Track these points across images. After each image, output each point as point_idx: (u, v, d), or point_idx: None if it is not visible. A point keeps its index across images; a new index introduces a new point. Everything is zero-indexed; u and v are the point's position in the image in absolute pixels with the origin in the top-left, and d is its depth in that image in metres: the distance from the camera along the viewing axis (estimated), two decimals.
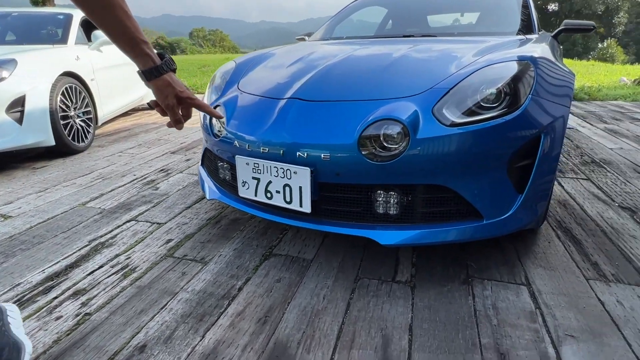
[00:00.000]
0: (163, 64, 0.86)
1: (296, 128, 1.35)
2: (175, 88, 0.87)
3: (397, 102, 1.31)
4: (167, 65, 0.86)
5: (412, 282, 1.41)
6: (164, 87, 0.86)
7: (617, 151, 3.02)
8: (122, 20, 0.77)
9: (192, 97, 0.91)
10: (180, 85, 0.89)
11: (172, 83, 0.87)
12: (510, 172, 1.33)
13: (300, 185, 1.32)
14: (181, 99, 0.89)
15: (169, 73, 0.87)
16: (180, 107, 0.91)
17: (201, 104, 0.94)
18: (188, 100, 0.90)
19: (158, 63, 0.85)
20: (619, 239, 1.68)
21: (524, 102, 1.31)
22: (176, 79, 0.89)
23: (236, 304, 1.31)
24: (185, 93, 0.89)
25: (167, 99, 0.88)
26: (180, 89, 0.88)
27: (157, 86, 0.86)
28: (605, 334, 1.14)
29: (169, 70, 0.87)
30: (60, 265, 1.56)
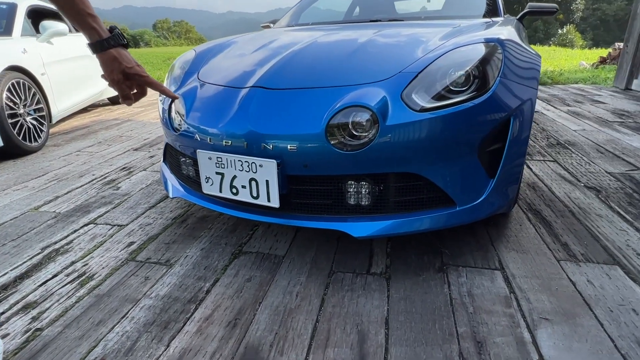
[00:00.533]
0: (110, 37, 0.85)
1: (259, 118, 1.27)
2: (122, 63, 0.87)
3: (364, 87, 1.26)
4: (115, 40, 0.86)
5: (387, 273, 1.37)
6: (110, 61, 0.86)
7: (580, 132, 3.11)
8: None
9: (142, 74, 0.90)
10: (129, 60, 0.88)
11: (118, 58, 0.86)
12: (481, 157, 1.30)
13: (266, 179, 1.25)
14: (129, 75, 0.88)
15: (116, 48, 0.86)
16: (129, 83, 0.90)
17: (153, 81, 0.92)
18: (137, 77, 0.89)
19: (104, 37, 0.85)
20: (586, 218, 1.71)
21: (493, 85, 1.28)
22: (125, 54, 0.88)
23: (204, 308, 1.23)
24: (134, 69, 0.88)
25: (113, 74, 0.88)
26: (128, 64, 0.88)
27: (103, 60, 0.86)
28: (578, 315, 1.14)
29: (116, 44, 0.86)
30: (8, 277, 1.42)
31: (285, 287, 1.32)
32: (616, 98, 4.59)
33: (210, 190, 1.39)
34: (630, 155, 2.53)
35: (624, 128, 3.20)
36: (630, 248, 1.47)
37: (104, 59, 0.86)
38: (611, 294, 1.22)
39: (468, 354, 1.02)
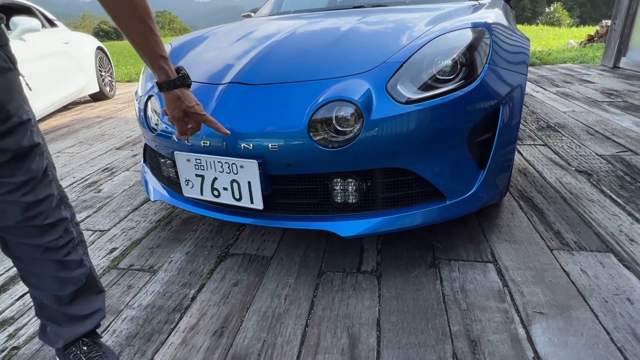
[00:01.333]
0: (177, 79, 0.89)
1: (238, 116, 1.20)
2: (184, 102, 0.92)
3: (347, 80, 1.20)
4: (181, 81, 0.90)
5: (378, 270, 1.34)
6: (174, 100, 0.91)
7: (570, 114, 3.08)
8: (146, 35, 0.81)
9: (201, 112, 0.95)
10: (191, 100, 0.93)
11: (181, 97, 0.91)
12: (471, 148, 1.26)
13: (248, 180, 1.20)
14: (189, 113, 0.94)
15: (181, 88, 0.91)
16: (188, 120, 0.96)
17: (209, 119, 0.97)
18: (195, 116, 0.95)
19: (172, 77, 0.89)
20: (578, 204, 1.69)
21: (481, 72, 1.23)
22: (188, 94, 0.93)
23: (189, 317, 1.18)
24: (194, 109, 0.94)
25: (174, 111, 0.93)
26: (189, 103, 0.93)
27: (167, 98, 0.92)
28: (572, 307, 1.12)
29: (182, 85, 0.91)
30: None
31: (274, 291, 1.28)
32: (605, 77, 4.57)
33: (191, 193, 1.33)
34: (620, 136, 2.51)
35: (613, 108, 3.17)
36: (623, 234, 1.45)
37: (169, 97, 0.91)
38: (605, 284, 1.20)
39: (462, 354, 0.99)
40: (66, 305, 0.94)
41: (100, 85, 4.88)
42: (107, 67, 5.19)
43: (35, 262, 0.89)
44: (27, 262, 0.89)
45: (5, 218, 0.82)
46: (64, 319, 0.95)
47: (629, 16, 4.92)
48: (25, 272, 0.91)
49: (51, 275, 0.90)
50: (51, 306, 0.93)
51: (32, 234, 0.85)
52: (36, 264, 0.89)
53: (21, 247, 0.86)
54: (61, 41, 4.18)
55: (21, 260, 0.89)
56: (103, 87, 4.98)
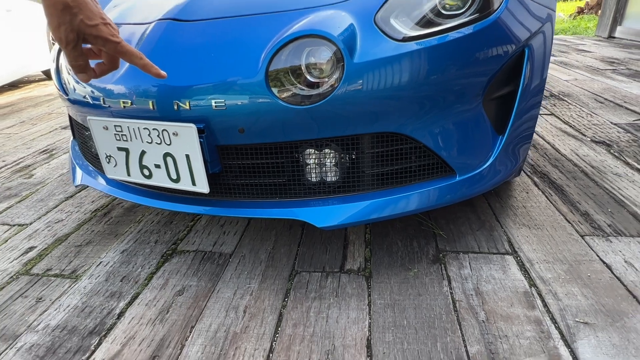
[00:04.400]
0: None
1: (170, 64, 0.86)
2: (78, 16, 0.56)
3: (320, 11, 0.86)
4: None
5: (367, 269, 1.03)
6: (57, 10, 0.55)
7: (573, 82, 2.81)
8: None
9: (108, 36, 0.59)
10: (93, 13, 0.58)
11: (72, 6, 0.56)
12: (487, 106, 0.95)
13: (186, 153, 0.86)
14: (88, 36, 0.58)
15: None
16: (89, 49, 0.65)
17: (128, 50, 0.62)
18: (100, 41, 0.59)
19: None
20: (602, 179, 1.41)
21: (501, 4, 0.91)
22: (85, 3, 0.57)
23: (110, 342, 0.86)
24: (99, 30, 0.58)
25: (60, 31, 0.57)
26: (88, 20, 0.57)
27: (47, 5, 0.55)
28: (625, 313, 0.84)
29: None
30: None
31: (230, 300, 0.96)
32: (601, 46, 4.32)
33: (115, 174, 0.99)
34: (634, 103, 2.24)
35: (618, 75, 2.92)
36: None
37: (48, 4, 0.55)
38: None
39: None
40: None
41: None
42: None
43: None
44: None
45: None
46: None
47: None
48: None
49: None
50: None
51: None
52: None
53: None
54: (1, 9, 3.67)
55: None
56: None
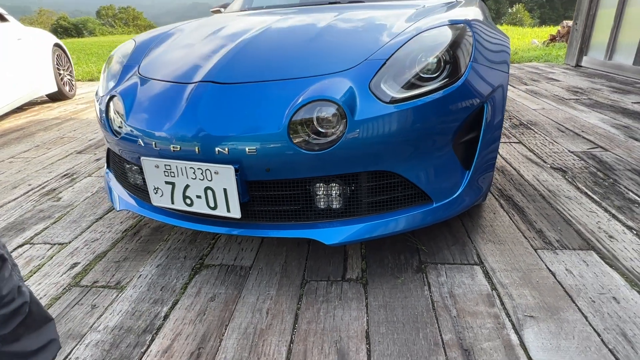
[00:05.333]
0: None
1: (211, 118, 1.11)
2: None
3: (328, 78, 1.13)
4: None
5: (364, 278, 1.28)
6: None
7: (540, 111, 3.15)
8: None
9: None
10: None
11: None
12: (456, 148, 1.22)
13: (224, 187, 1.10)
14: None
15: None
16: None
17: None
18: None
19: None
20: (556, 202, 1.70)
21: (465, 70, 1.19)
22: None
23: (162, 338, 1.08)
24: None
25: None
26: None
27: None
28: (561, 309, 1.10)
29: None
30: None
31: (254, 304, 1.19)
32: (569, 75, 4.73)
33: (160, 202, 1.22)
34: (589, 132, 2.58)
35: (580, 105, 3.28)
36: (602, 231, 1.47)
37: None
38: (590, 283, 1.20)
39: None
40: (11, 343, 0.81)
41: (58, 85, 4.58)
42: (66, 66, 4.88)
43: None
44: None
45: None
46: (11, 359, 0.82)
47: (589, 17, 5.12)
48: None
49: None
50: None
51: None
52: None
53: None
54: (13, 37, 3.88)
55: None
56: (62, 86, 4.68)
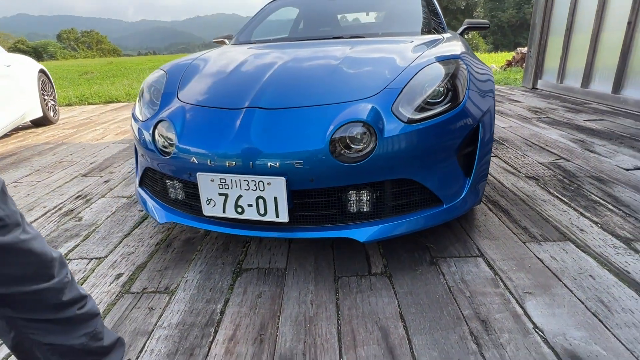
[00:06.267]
0: None
1: (263, 138, 1.31)
2: None
3: (358, 103, 1.37)
4: None
5: (387, 272, 1.49)
6: None
7: (509, 129, 3.55)
8: None
9: None
10: None
11: None
12: (459, 160, 1.49)
13: (275, 196, 1.30)
14: None
15: None
16: None
17: None
18: None
19: None
20: (534, 204, 2.00)
21: (464, 97, 1.47)
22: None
23: (224, 329, 1.24)
24: None
25: None
26: None
27: None
28: (552, 286, 1.36)
29: None
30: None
31: (298, 298, 1.37)
32: (527, 96, 5.28)
33: (212, 212, 1.39)
34: (552, 146, 2.97)
35: (541, 123, 3.72)
36: (575, 226, 1.77)
37: None
38: (571, 265, 1.47)
39: (478, 332, 1.17)
40: (100, 340, 0.90)
41: (44, 110, 4.58)
42: (49, 91, 4.89)
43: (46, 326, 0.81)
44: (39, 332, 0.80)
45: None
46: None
47: (541, 46, 5.76)
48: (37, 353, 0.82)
49: (80, 334, 0.85)
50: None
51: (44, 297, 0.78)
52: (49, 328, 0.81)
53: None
54: (3, 64, 3.90)
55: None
56: (47, 111, 4.68)
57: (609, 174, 2.37)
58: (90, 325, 0.87)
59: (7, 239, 0.72)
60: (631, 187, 2.16)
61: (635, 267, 1.45)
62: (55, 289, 0.80)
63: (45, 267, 0.78)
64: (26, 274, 0.76)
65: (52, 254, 0.80)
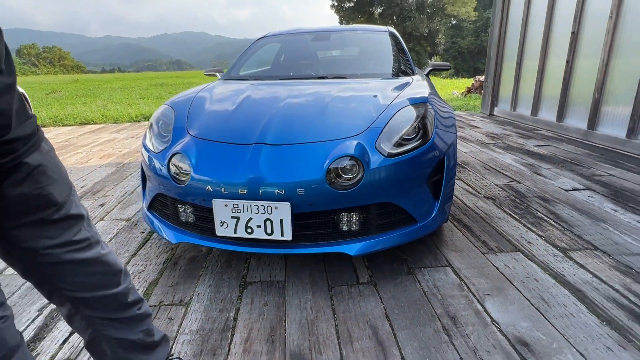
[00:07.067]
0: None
1: (271, 169, 1.57)
2: None
3: (348, 140, 1.66)
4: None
5: (373, 281, 1.76)
6: None
7: (469, 154, 3.98)
8: None
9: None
10: None
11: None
12: (429, 186, 1.80)
13: (281, 218, 1.55)
14: None
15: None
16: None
17: None
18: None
19: None
20: (491, 221, 2.36)
21: (432, 135, 1.80)
22: None
23: (239, 332, 1.45)
24: None
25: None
26: None
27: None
28: (505, 288, 1.68)
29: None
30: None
31: (299, 304, 1.61)
32: (485, 122, 5.83)
33: (224, 233, 1.62)
34: (507, 170, 3.39)
35: (497, 148, 4.19)
36: (524, 239, 2.12)
37: None
38: (520, 272, 1.81)
39: (448, 326, 1.46)
40: (153, 335, 1.11)
41: None
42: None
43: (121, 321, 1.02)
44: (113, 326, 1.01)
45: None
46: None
47: (496, 77, 6.40)
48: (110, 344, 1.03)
49: (138, 330, 1.06)
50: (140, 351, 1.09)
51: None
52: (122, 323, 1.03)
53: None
54: None
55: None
56: None
57: (552, 194, 2.79)
58: (146, 323, 1.08)
59: (92, 254, 0.94)
60: (569, 205, 2.58)
61: (570, 271, 1.80)
62: (122, 293, 1.01)
63: (116, 275, 1.00)
64: (103, 281, 0.97)
65: (120, 265, 1.02)
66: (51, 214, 0.86)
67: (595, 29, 4.30)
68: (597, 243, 2.05)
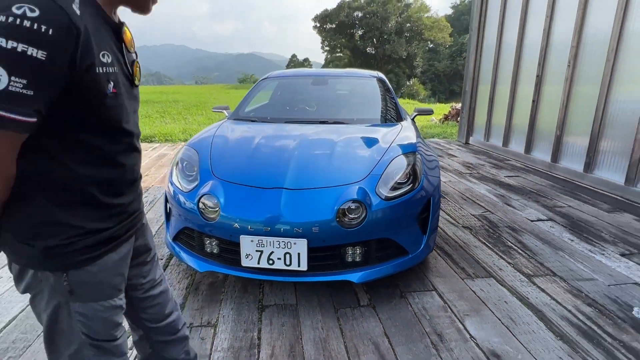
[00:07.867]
0: None
1: (290, 211, 1.89)
2: None
3: (353, 186, 2.00)
4: None
5: (372, 304, 2.08)
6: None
7: (448, 184, 4.40)
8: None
9: None
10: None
11: None
12: (419, 222, 2.16)
13: (298, 252, 1.86)
14: None
15: None
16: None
17: None
18: None
19: None
20: (468, 249, 2.73)
21: (421, 180, 2.17)
22: None
23: (265, 349, 1.73)
24: None
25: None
26: None
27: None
28: (481, 310, 2.03)
29: None
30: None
31: (312, 325, 1.91)
32: (462, 151, 6.33)
33: (249, 263, 1.91)
34: (481, 200, 3.82)
35: (473, 178, 4.63)
36: (496, 266, 2.50)
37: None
38: (493, 295, 2.17)
39: (436, 341, 1.79)
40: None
41: None
42: None
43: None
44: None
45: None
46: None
47: (471, 109, 6.97)
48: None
49: (182, 350, 1.30)
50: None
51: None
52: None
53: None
54: None
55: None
56: None
57: (520, 224, 3.20)
58: (186, 345, 1.34)
59: (162, 288, 1.22)
60: (534, 235, 2.99)
61: (533, 295, 2.18)
62: (174, 321, 1.29)
63: (173, 303, 1.27)
64: (168, 310, 1.24)
65: (172, 297, 1.30)
66: (147, 256, 1.15)
67: (556, 75, 4.89)
68: (555, 270, 2.45)
